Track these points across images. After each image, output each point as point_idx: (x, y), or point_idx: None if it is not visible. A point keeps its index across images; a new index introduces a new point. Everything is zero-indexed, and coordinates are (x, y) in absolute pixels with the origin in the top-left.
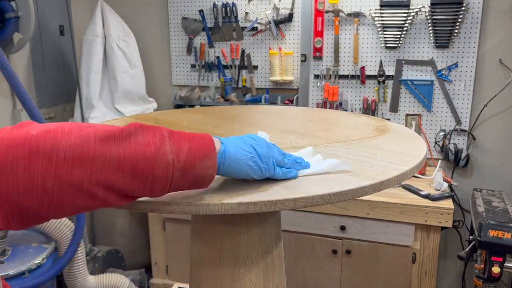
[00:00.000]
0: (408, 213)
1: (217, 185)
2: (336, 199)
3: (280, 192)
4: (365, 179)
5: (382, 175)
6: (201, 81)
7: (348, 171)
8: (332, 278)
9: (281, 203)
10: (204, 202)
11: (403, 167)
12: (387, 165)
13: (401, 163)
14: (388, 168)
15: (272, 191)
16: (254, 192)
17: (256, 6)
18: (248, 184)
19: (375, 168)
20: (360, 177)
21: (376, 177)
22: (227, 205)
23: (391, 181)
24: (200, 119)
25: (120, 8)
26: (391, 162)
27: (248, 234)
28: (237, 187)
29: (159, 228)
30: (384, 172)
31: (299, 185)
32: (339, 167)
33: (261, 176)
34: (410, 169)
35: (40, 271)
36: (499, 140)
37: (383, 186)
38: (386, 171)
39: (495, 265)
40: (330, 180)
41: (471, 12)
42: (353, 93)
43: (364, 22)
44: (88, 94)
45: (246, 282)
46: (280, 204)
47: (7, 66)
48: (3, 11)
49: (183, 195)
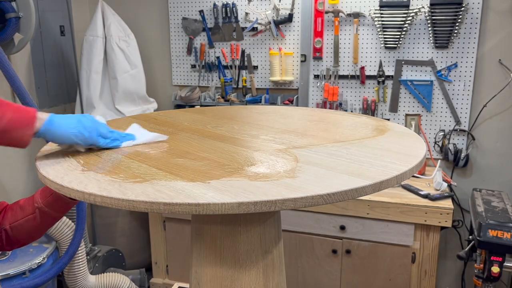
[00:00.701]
0: (408, 213)
1: (219, 185)
2: (336, 199)
3: (280, 192)
4: (365, 179)
5: (382, 175)
6: (201, 81)
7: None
8: (332, 278)
9: (281, 203)
10: (205, 202)
11: (402, 167)
12: (387, 165)
13: (401, 163)
14: (388, 168)
15: (272, 191)
16: (254, 192)
17: (256, 7)
18: (248, 184)
19: (375, 168)
20: (360, 177)
21: (376, 177)
22: (227, 205)
23: (391, 181)
24: (200, 119)
25: (120, 8)
26: (391, 162)
27: (248, 234)
28: (238, 187)
29: (159, 228)
30: (384, 172)
31: (299, 185)
32: (158, 138)
33: (85, 142)
34: (410, 169)
35: (40, 271)
36: (498, 140)
37: (383, 186)
38: (386, 171)
39: (495, 265)
40: (330, 180)
41: (471, 12)
42: (353, 93)
43: (364, 23)
44: (89, 94)
45: (246, 281)
46: (280, 204)
47: (7, 66)
48: (4, 11)
49: (185, 195)
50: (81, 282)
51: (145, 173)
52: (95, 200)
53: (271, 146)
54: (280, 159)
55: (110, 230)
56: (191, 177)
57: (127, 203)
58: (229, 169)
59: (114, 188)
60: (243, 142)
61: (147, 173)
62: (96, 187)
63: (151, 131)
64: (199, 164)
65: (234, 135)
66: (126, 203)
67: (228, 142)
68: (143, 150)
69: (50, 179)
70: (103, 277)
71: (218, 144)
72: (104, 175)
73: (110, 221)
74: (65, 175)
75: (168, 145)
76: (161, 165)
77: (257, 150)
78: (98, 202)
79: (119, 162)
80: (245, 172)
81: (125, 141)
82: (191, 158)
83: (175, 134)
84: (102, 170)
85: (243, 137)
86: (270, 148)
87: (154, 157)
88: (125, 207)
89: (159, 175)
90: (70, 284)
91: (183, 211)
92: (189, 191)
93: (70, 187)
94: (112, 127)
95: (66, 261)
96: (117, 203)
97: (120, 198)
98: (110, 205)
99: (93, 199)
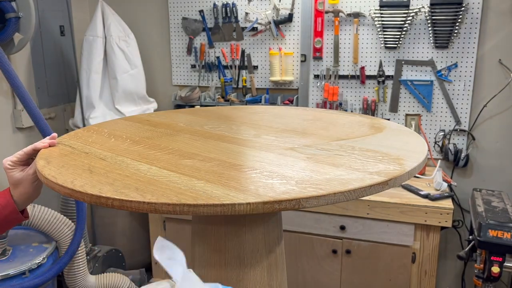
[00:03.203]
0: (408, 213)
1: (237, 185)
2: (356, 196)
3: (302, 190)
4: (378, 175)
5: (394, 171)
6: (201, 81)
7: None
8: (332, 278)
9: (305, 201)
10: (230, 203)
11: (411, 162)
12: (396, 161)
13: (408, 158)
14: (397, 164)
15: (294, 189)
16: (275, 191)
17: (256, 7)
18: (266, 184)
19: (384, 164)
20: (373, 174)
21: (390, 173)
22: (252, 205)
23: (403, 177)
24: (195, 120)
25: (120, 8)
26: (398, 157)
27: (253, 234)
28: (257, 186)
29: (159, 228)
30: (396, 167)
31: (318, 183)
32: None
33: None
34: (419, 165)
35: (40, 271)
36: (498, 140)
37: (397, 182)
38: (397, 167)
39: (495, 265)
40: (348, 176)
41: (471, 12)
42: (353, 93)
43: (364, 22)
44: (89, 94)
45: (251, 281)
46: (304, 202)
47: (7, 66)
48: (4, 11)
49: (207, 196)
50: (81, 282)
51: (157, 175)
52: (113, 204)
53: (276, 145)
54: (290, 158)
55: (110, 230)
56: (206, 178)
57: (148, 206)
58: (241, 168)
59: (131, 191)
60: (247, 142)
61: (159, 175)
62: (111, 190)
63: (148, 133)
64: (210, 165)
65: (235, 136)
66: (147, 206)
67: (232, 143)
68: (147, 152)
69: (59, 184)
70: (103, 277)
71: (223, 144)
72: (116, 179)
73: (110, 221)
74: (74, 180)
75: (171, 147)
76: (171, 166)
77: (264, 150)
78: (116, 206)
79: (127, 165)
80: (259, 171)
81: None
82: (200, 159)
83: (173, 135)
84: (112, 174)
85: (245, 137)
86: (276, 147)
87: (161, 158)
88: (146, 211)
89: (172, 176)
90: (70, 284)
91: (208, 212)
92: (210, 192)
93: (83, 191)
94: (106, 133)
95: (66, 261)
96: (137, 206)
97: (140, 201)
98: (130, 209)
99: (110, 203)
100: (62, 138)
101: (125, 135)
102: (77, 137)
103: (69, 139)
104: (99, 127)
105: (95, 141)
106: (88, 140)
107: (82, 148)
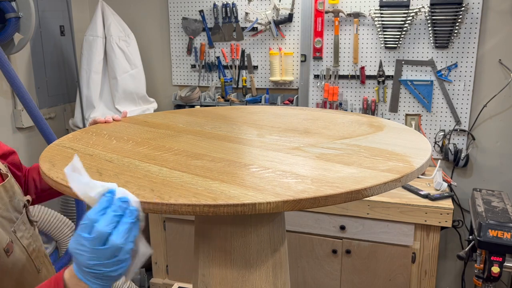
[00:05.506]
0: (408, 213)
1: (254, 185)
2: (371, 193)
3: (319, 189)
4: (389, 172)
5: (404, 168)
6: (201, 81)
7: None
8: (332, 278)
9: (324, 200)
10: (250, 202)
11: (418, 159)
12: (403, 158)
13: (414, 156)
14: (405, 161)
15: (311, 188)
16: (292, 190)
17: (256, 7)
18: (282, 183)
19: (393, 162)
20: (384, 172)
21: (401, 171)
22: (272, 204)
23: (413, 174)
24: (194, 121)
25: (120, 8)
26: (404, 155)
27: (259, 234)
28: (274, 186)
29: (159, 228)
30: (405, 165)
31: (333, 181)
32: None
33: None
34: (426, 162)
35: None
36: (498, 140)
37: (408, 179)
38: (406, 164)
39: (495, 265)
40: (360, 174)
41: (471, 12)
42: (353, 93)
43: (364, 22)
44: (89, 94)
45: (257, 281)
46: (324, 200)
47: (7, 66)
48: (4, 11)
49: (226, 196)
50: None
51: (169, 176)
52: None
53: (282, 144)
54: (299, 157)
55: None
56: (220, 178)
57: (167, 207)
58: (253, 168)
59: (146, 192)
60: (252, 142)
61: (171, 176)
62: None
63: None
64: (221, 165)
65: (238, 136)
66: (166, 208)
67: (237, 143)
68: (153, 153)
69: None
70: None
71: (228, 144)
72: (128, 180)
73: None
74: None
75: (176, 148)
76: (181, 167)
77: (271, 149)
78: None
79: (136, 166)
80: (272, 170)
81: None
82: (209, 160)
83: (176, 136)
84: (123, 175)
85: (249, 137)
86: (282, 146)
87: (169, 159)
88: (165, 212)
89: (185, 177)
90: None
91: (228, 212)
92: (227, 192)
93: None
94: (105, 134)
95: (66, 261)
96: (155, 208)
97: (159, 202)
98: (147, 211)
99: None
100: (61, 141)
101: (126, 137)
102: (77, 139)
103: (69, 142)
104: (97, 129)
105: (97, 143)
106: (89, 142)
107: (84, 150)
